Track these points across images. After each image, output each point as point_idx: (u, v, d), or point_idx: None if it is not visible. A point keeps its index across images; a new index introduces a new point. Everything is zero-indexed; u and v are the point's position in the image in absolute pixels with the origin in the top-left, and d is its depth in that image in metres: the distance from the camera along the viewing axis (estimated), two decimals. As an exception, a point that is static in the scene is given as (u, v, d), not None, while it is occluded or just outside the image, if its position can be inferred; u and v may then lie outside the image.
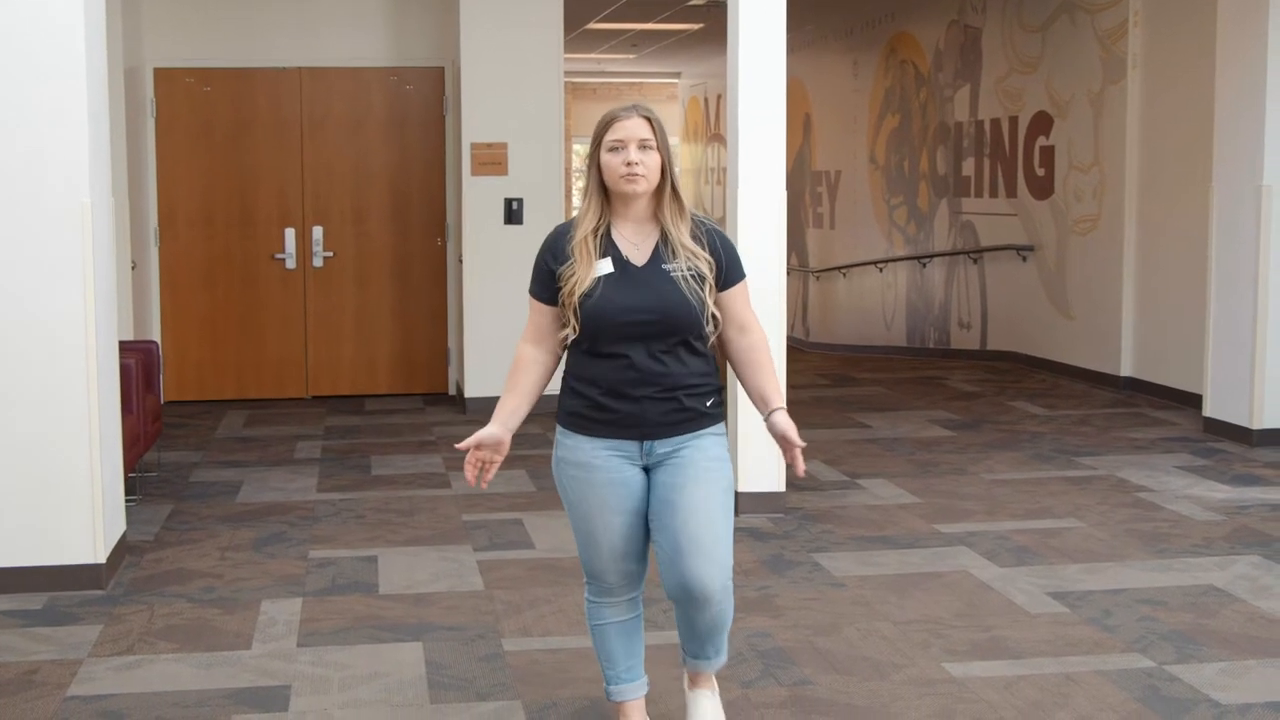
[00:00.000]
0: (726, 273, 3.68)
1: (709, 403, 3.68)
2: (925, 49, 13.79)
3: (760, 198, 6.56)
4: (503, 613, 5.23)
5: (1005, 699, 4.33)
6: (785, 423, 3.67)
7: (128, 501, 6.42)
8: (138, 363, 6.84)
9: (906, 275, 14.43)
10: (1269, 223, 8.07)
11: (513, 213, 9.57)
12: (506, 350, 9.35)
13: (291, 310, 10.22)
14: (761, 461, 6.56)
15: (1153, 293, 10.12)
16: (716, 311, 3.67)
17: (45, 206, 5.40)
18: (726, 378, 3.82)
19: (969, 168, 12.91)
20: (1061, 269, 11.27)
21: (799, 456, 3.66)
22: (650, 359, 3.59)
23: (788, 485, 6.83)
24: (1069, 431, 8.78)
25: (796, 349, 14.76)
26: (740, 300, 3.72)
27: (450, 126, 10.12)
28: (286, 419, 9.47)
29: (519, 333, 10.17)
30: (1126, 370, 10.38)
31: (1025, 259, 11.83)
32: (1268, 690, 4.40)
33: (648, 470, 3.68)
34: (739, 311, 3.71)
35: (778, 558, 5.92)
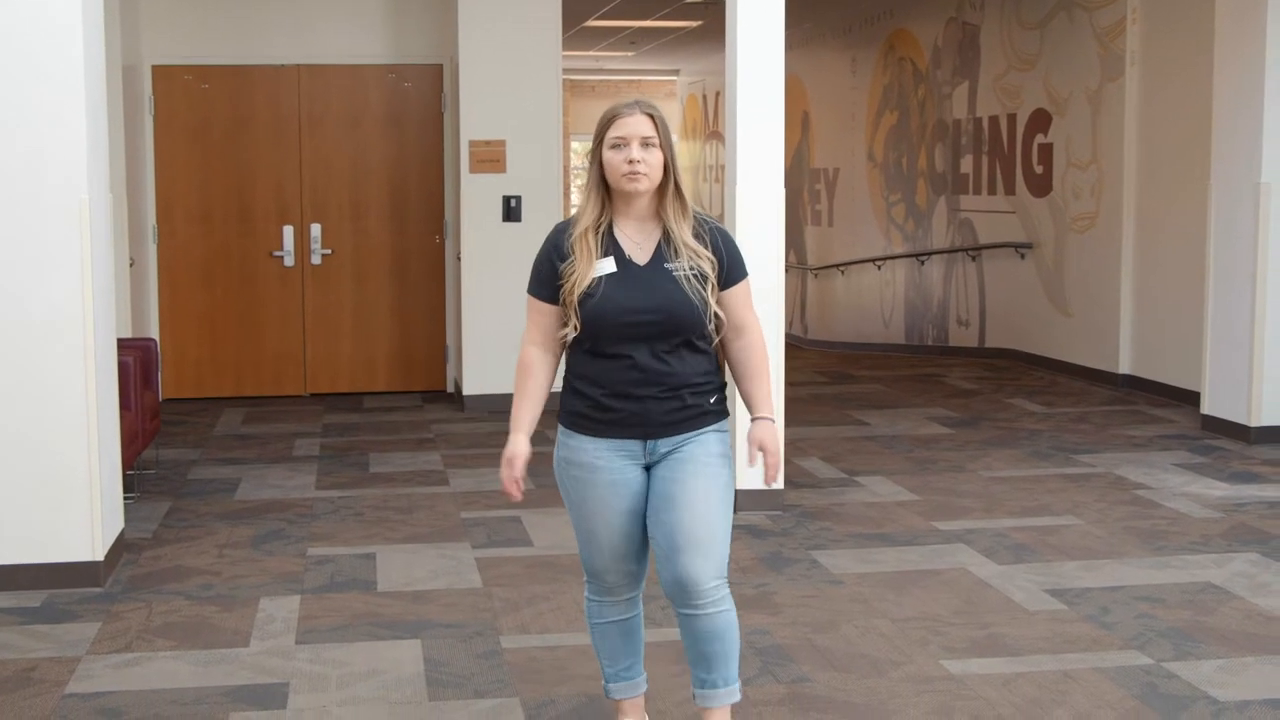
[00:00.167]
0: (728, 272, 3.64)
1: (712, 400, 3.66)
2: (924, 46, 13.78)
3: (758, 195, 6.56)
4: (501, 610, 5.23)
5: (1003, 696, 4.34)
6: (763, 433, 3.65)
7: (126, 499, 6.42)
8: (136, 360, 6.84)
9: (905, 273, 14.43)
10: (1267, 220, 8.07)
11: (511, 210, 9.57)
12: (504, 348, 9.51)
13: (290, 307, 10.21)
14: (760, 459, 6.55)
15: (1151, 290, 10.12)
16: (720, 311, 3.63)
17: (43, 203, 5.40)
18: (726, 374, 3.79)
19: (967, 165, 12.91)
20: (1060, 266, 11.28)
21: (772, 467, 3.65)
22: (653, 359, 3.56)
23: (786, 483, 6.82)
24: (1067, 429, 8.78)
25: (795, 346, 14.76)
26: (740, 300, 3.68)
27: (449, 124, 10.12)
28: (285, 416, 9.47)
29: (517, 330, 10.13)
30: (1124, 368, 10.38)
31: (1023, 256, 11.84)
32: (1265, 687, 4.40)
33: (649, 468, 3.66)
34: (738, 312, 3.67)
35: (776, 555, 5.93)
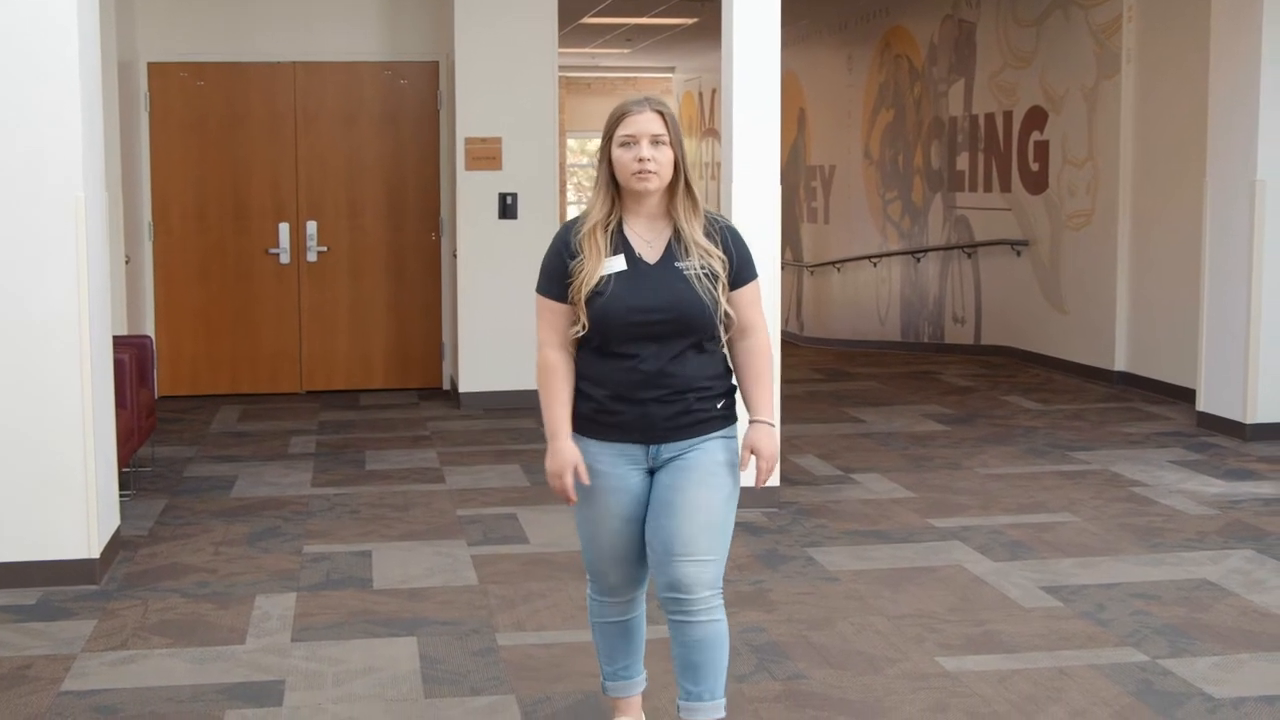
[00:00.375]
0: (738, 271, 3.60)
1: (720, 404, 3.63)
2: (920, 43, 13.78)
3: (754, 192, 6.56)
4: (497, 607, 5.23)
5: (999, 693, 4.34)
6: (759, 438, 3.62)
7: (121, 496, 6.42)
8: (131, 357, 6.83)
9: (901, 270, 14.43)
10: (1263, 217, 8.07)
11: (507, 207, 9.56)
12: (501, 345, 9.51)
13: (286, 305, 10.20)
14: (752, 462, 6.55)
15: (1146, 287, 10.13)
16: (730, 310, 3.60)
17: (39, 201, 5.39)
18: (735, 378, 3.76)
19: (963, 162, 12.91)
20: (1055, 264, 11.28)
21: (763, 473, 3.62)
22: (660, 360, 3.52)
23: (781, 480, 6.82)
24: (1063, 426, 8.79)
25: (790, 344, 14.75)
26: (748, 301, 3.64)
27: (444, 121, 10.11)
28: (281, 414, 9.47)
29: (513, 328, 10.10)
30: (1120, 365, 10.38)
31: (1019, 254, 11.84)
32: (1261, 684, 4.41)
33: (653, 473, 3.62)
34: (746, 312, 3.64)
35: (772, 552, 5.93)
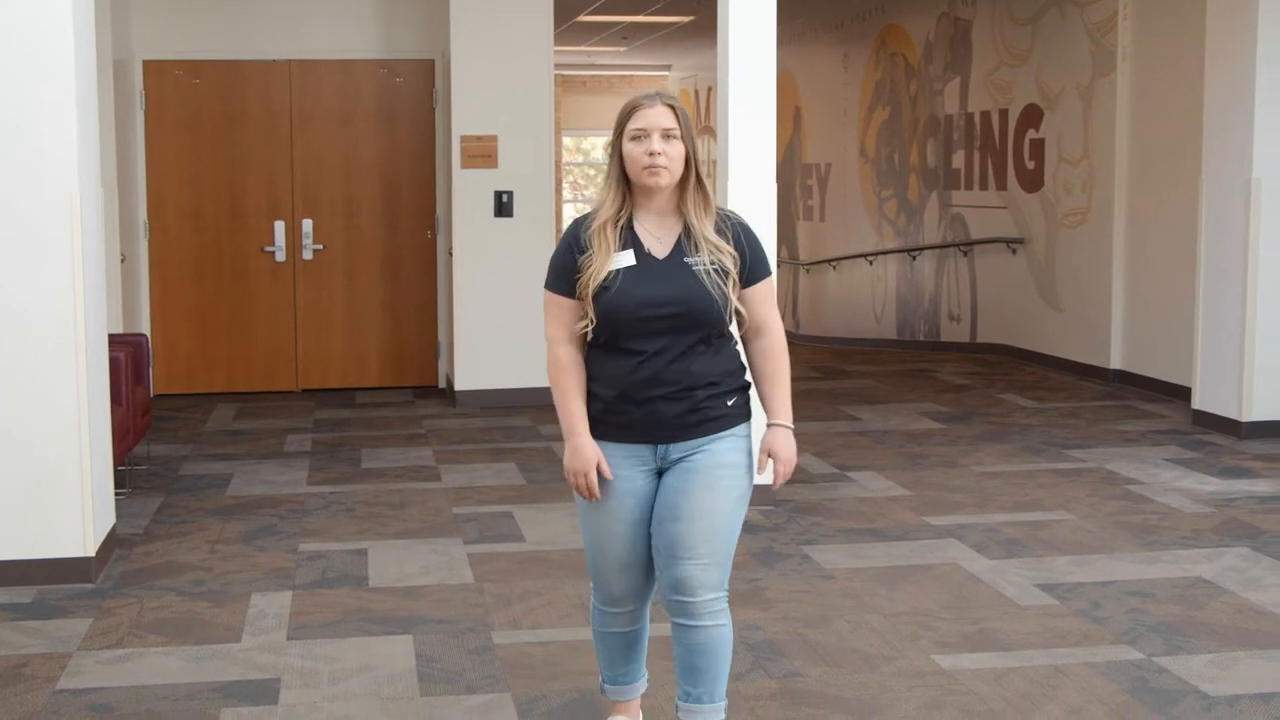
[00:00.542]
0: (750, 269, 3.56)
1: (730, 402, 3.57)
2: (915, 42, 13.79)
3: (750, 190, 6.56)
4: (493, 605, 5.23)
5: (994, 691, 4.34)
6: (776, 441, 3.59)
7: (117, 495, 6.41)
8: (127, 356, 6.83)
9: (896, 268, 14.44)
10: (1258, 215, 8.08)
11: (503, 206, 9.56)
12: (496, 343, 9.51)
13: (281, 303, 10.20)
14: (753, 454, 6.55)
15: (1142, 285, 10.13)
16: (741, 307, 3.56)
17: (34, 198, 5.38)
18: (749, 375, 3.73)
19: (959, 160, 12.92)
20: (1051, 262, 11.29)
21: (781, 475, 3.60)
22: (667, 356, 3.47)
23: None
24: (1058, 424, 8.79)
25: (787, 341, 14.75)
26: (760, 299, 3.60)
27: (440, 119, 10.11)
28: (276, 412, 9.46)
29: (509, 326, 10.11)
30: (1116, 363, 10.39)
31: (1015, 252, 11.85)
32: (1256, 682, 4.41)
33: (661, 473, 3.58)
34: (758, 311, 3.60)
35: (768, 550, 5.93)
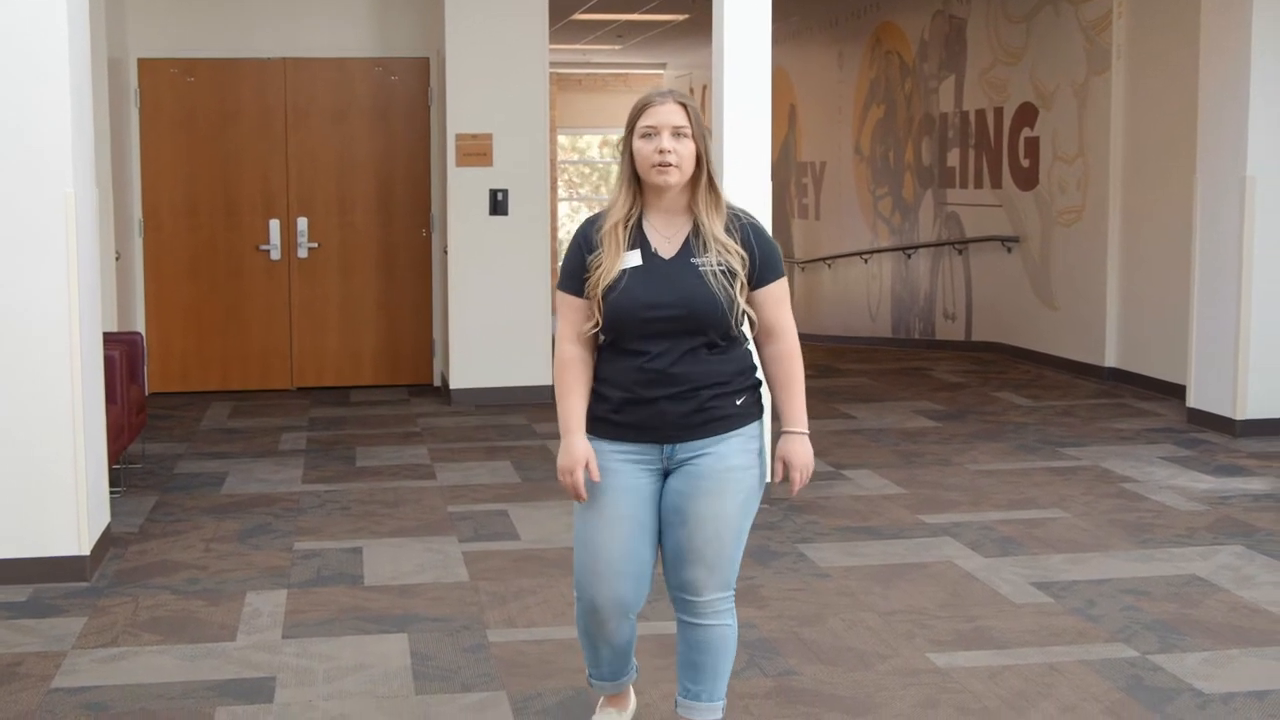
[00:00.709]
0: (759, 270, 3.50)
1: (739, 401, 3.54)
2: (910, 40, 13.79)
3: (745, 188, 6.55)
4: (488, 604, 5.23)
5: (989, 689, 4.35)
6: (791, 450, 3.57)
7: (112, 493, 6.40)
8: (122, 354, 6.82)
9: (891, 266, 14.44)
10: (1253, 213, 8.09)
11: (498, 204, 9.56)
12: (491, 341, 9.51)
13: (276, 301, 10.19)
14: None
15: (1137, 283, 10.14)
16: (749, 310, 3.51)
17: (29, 197, 5.38)
18: (759, 374, 3.69)
19: (954, 159, 12.92)
20: (1046, 260, 11.30)
21: (797, 483, 3.59)
22: (672, 357, 3.44)
23: (773, 476, 6.81)
24: (1053, 422, 8.80)
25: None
26: (772, 302, 3.53)
27: (435, 117, 10.10)
28: (271, 410, 9.45)
29: (504, 324, 10.12)
30: (1110, 361, 10.40)
31: (1010, 250, 11.86)
32: (1250, 679, 4.42)
33: (667, 474, 3.56)
34: (770, 313, 3.54)
35: (763, 548, 5.93)
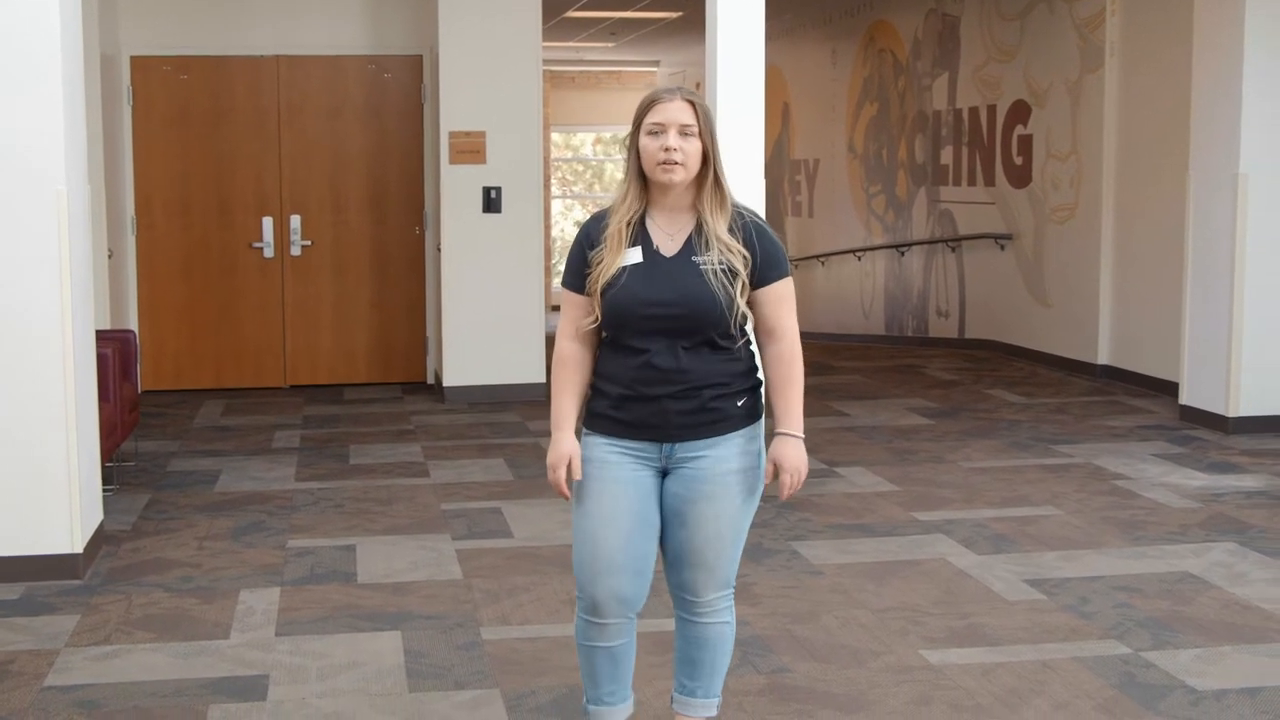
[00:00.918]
0: (761, 270, 3.47)
1: (740, 403, 3.51)
2: (904, 37, 13.79)
3: (739, 186, 6.51)
4: (481, 601, 5.23)
5: (982, 686, 4.35)
6: (784, 452, 3.52)
7: (105, 491, 6.40)
8: (115, 352, 6.81)
9: (885, 264, 14.45)
10: (1245, 210, 8.09)
11: (491, 201, 9.55)
12: (485, 339, 9.51)
13: (269, 299, 10.18)
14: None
15: (1130, 281, 10.16)
16: (747, 309, 3.47)
17: (21, 195, 5.37)
18: (760, 375, 3.67)
19: (947, 156, 12.93)
20: (1039, 257, 11.31)
21: (788, 486, 3.53)
22: (672, 356, 3.42)
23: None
24: (1046, 419, 8.81)
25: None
26: (773, 302, 3.50)
27: (428, 115, 10.10)
28: (264, 408, 9.45)
29: (497, 321, 10.12)
30: (1103, 358, 10.41)
31: (1003, 247, 11.86)
32: (1243, 676, 4.42)
33: (666, 473, 3.54)
34: (771, 314, 3.50)
35: (756, 546, 5.93)
